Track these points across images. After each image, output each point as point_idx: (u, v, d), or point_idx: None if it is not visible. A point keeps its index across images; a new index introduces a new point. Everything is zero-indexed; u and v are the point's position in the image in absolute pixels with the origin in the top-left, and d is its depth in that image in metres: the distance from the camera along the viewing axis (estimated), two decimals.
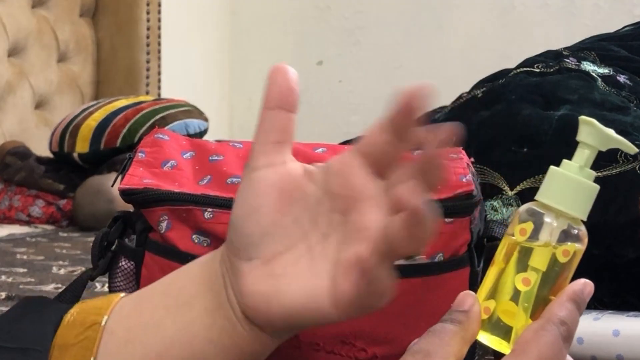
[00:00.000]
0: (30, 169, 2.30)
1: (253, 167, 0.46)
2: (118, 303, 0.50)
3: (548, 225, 0.44)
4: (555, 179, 0.45)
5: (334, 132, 3.33)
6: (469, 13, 3.28)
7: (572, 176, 0.45)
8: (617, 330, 0.69)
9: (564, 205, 0.44)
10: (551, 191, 0.45)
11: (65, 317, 0.49)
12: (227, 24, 3.62)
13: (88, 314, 0.49)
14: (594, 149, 0.45)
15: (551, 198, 0.45)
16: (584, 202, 0.45)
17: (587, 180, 0.45)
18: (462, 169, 0.67)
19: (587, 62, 1.04)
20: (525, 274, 0.44)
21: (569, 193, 0.45)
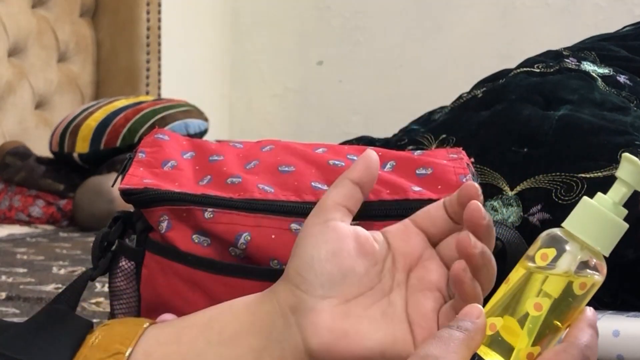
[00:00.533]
0: (30, 169, 2.30)
1: (330, 218, 0.50)
2: (147, 332, 0.50)
3: (570, 254, 0.44)
4: (586, 210, 0.45)
5: (334, 132, 3.33)
6: (469, 13, 3.28)
7: (605, 212, 0.45)
8: (617, 331, 0.69)
9: (591, 239, 0.44)
10: (580, 222, 0.45)
11: (90, 338, 0.49)
12: (227, 24, 3.62)
13: (112, 341, 0.49)
14: (631, 188, 0.45)
15: (579, 228, 0.45)
16: (611, 238, 0.45)
17: (618, 218, 0.45)
18: (462, 169, 0.67)
19: (587, 62, 1.04)
20: (538, 299, 0.44)
21: (598, 227, 0.44)
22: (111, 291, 0.68)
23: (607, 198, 0.45)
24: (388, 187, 0.65)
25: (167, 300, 0.64)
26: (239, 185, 0.66)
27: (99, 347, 0.48)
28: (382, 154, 0.71)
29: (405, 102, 3.26)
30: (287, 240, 0.63)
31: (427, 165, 0.68)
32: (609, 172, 0.82)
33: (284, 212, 0.64)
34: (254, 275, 0.62)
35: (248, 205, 0.64)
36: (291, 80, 3.58)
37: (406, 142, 0.97)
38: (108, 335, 0.49)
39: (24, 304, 1.03)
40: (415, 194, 0.64)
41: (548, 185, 0.84)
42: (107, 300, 0.96)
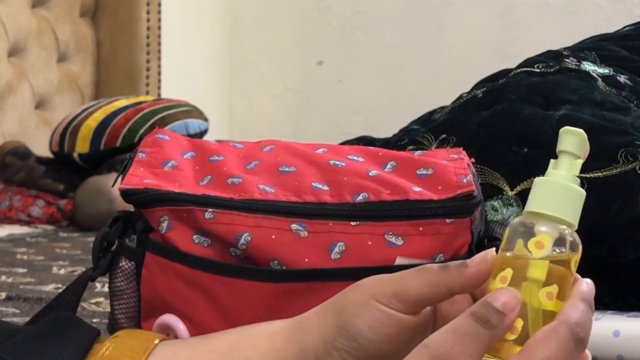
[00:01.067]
0: (30, 169, 2.30)
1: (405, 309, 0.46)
2: (157, 349, 0.49)
3: (564, 236, 0.43)
4: (549, 188, 0.44)
5: (334, 132, 3.33)
6: (469, 13, 3.28)
7: (568, 184, 0.44)
8: (617, 331, 0.69)
9: (565, 214, 0.44)
10: (549, 201, 0.44)
11: (100, 348, 0.49)
12: (227, 24, 3.62)
13: (123, 354, 0.49)
14: (577, 157, 0.45)
15: (551, 208, 0.44)
16: (578, 208, 0.44)
17: (578, 187, 0.44)
18: (462, 169, 0.67)
19: (587, 62, 1.04)
20: (547, 289, 0.43)
21: (567, 200, 0.44)
22: (111, 291, 0.68)
23: (560, 172, 0.44)
24: (388, 188, 0.65)
25: (167, 300, 0.64)
26: (239, 186, 0.66)
27: (109, 359, 0.48)
28: (383, 154, 0.71)
29: (405, 102, 3.26)
30: (288, 240, 0.63)
31: (427, 165, 0.68)
32: (609, 172, 0.82)
33: (284, 213, 0.64)
34: (254, 276, 0.62)
35: (248, 205, 0.64)
36: (291, 80, 3.57)
37: (406, 142, 0.97)
38: (118, 347, 0.49)
39: (23, 304, 1.03)
40: (415, 195, 0.64)
41: None
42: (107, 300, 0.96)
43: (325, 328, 0.47)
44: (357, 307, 0.46)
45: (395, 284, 0.46)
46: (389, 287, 0.46)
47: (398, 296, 0.45)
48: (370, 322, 0.45)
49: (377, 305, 0.45)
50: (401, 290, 0.45)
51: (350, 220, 0.63)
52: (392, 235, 0.63)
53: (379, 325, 0.45)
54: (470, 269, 0.44)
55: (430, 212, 0.63)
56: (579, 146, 0.45)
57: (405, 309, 0.45)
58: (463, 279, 0.44)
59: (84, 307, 1.00)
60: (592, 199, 0.81)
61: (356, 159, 0.70)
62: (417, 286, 0.45)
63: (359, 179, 0.66)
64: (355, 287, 0.47)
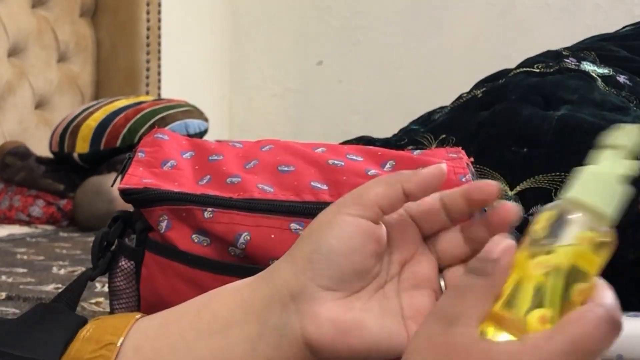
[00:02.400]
0: (30, 169, 2.30)
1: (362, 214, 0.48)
2: (137, 324, 0.49)
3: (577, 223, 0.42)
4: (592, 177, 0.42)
5: (334, 132, 3.33)
6: (469, 13, 3.28)
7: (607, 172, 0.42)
8: None
9: (600, 203, 0.42)
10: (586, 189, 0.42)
11: (81, 331, 0.49)
12: (227, 24, 3.62)
13: (104, 332, 0.49)
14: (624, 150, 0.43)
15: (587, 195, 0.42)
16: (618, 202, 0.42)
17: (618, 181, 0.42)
18: (461, 168, 0.67)
19: (587, 62, 1.04)
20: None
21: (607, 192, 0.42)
22: (111, 291, 0.68)
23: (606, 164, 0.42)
24: None
25: (166, 299, 0.64)
26: (239, 185, 0.66)
27: (91, 339, 0.48)
28: (382, 153, 0.71)
29: (405, 102, 3.27)
30: (287, 239, 0.63)
31: (426, 164, 0.67)
32: None
33: (283, 212, 0.64)
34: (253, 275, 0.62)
35: (248, 205, 0.64)
36: (291, 80, 3.58)
37: (406, 142, 0.97)
38: (99, 327, 0.49)
39: (24, 304, 1.03)
40: None
41: (548, 185, 0.84)
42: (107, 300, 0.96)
43: (296, 262, 0.48)
44: (325, 227, 0.47)
45: (357, 192, 0.48)
46: (349, 196, 0.48)
47: (359, 201, 0.48)
48: (337, 233, 0.47)
49: (341, 216, 0.47)
50: (359, 195, 0.48)
51: None
52: None
53: (346, 234, 0.47)
54: (424, 170, 0.48)
55: None
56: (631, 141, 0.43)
57: (366, 213, 0.47)
58: (417, 178, 0.48)
59: (84, 307, 1.00)
60: None
61: (355, 159, 0.70)
62: (374, 187, 0.48)
63: (358, 178, 0.66)
64: (322, 214, 0.49)
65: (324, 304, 0.47)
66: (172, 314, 0.50)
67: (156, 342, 0.48)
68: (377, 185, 0.48)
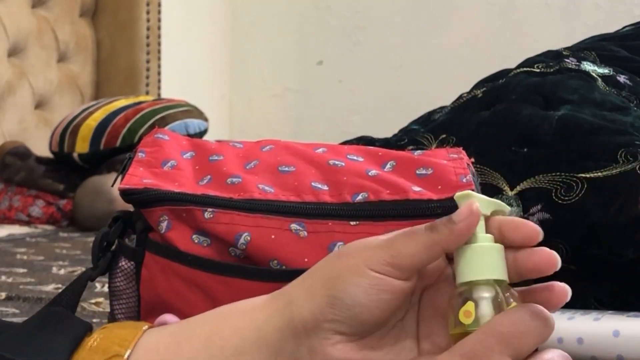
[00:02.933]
0: (30, 169, 2.30)
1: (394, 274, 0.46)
2: (145, 336, 0.49)
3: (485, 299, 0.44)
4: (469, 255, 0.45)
5: (334, 132, 3.33)
6: (469, 13, 3.28)
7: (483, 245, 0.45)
8: (617, 331, 0.69)
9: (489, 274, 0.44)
10: (471, 268, 0.45)
11: (88, 340, 0.49)
12: (227, 23, 3.62)
13: (111, 342, 0.48)
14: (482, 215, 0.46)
15: (475, 273, 0.44)
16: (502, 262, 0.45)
17: (493, 243, 0.45)
18: (462, 169, 0.67)
19: (587, 62, 1.04)
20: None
21: (487, 261, 0.45)
22: (111, 291, 0.68)
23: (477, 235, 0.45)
24: (388, 188, 0.65)
25: (166, 300, 0.64)
26: (239, 186, 0.66)
27: (98, 349, 0.48)
28: (383, 154, 0.71)
29: (405, 102, 3.27)
30: (287, 240, 0.63)
31: (427, 165, 0.68)
32: (609, 172, 0.82)
33: (283, 213, 0.64)
34: (253, 276, 0.62)
35: (248, 205, 0.64)
36: (291, 80, 3.58)
37: (406, 142, 0.97)
38: (106, 337, 0.49)
39: (23, 304, 1.03)
40: (415, 194, 0.64)
41: (548, 185, 0.84)
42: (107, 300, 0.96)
43: (315, 300, 0.46)
44: (351, 276, 0.46)
45: (388, 251, 0.46)
46: (382, 255, 0.46)
47: (393, 264, 0.45)
48: (366, 289, 0.45)
49: (372, 273, 0.45)
50: (395, 257, 0.45)
51: (350, 220, 0.63)
52: None
53: (375, 292, 0.45)
54: (459, 224, 0.45)
55: (430, 211, 0.63)
56: (485, 205, 0.46)
57: (400, 275, 0.46)
58: (454, 236, 0.45)
59: (84, 307, 1.00)
60: (591, 199, 0.82)
61: (356, 159, 0.70)
62: (410, 252, 0.45)
63: (359, 179, 0.66)
64: (344, 256, 0.47)
65: (337, 344, 0.46)
66: (183, 332, 0.50)
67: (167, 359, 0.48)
68: (414, 247, 0.45)
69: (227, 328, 0.48)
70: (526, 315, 0.42)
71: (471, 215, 0.45)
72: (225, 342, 0.48)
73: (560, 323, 0.72)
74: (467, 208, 0.45)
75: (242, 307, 0.50)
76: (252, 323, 0.48)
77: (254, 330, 0.48)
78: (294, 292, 0.48)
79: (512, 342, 0.42)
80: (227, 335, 0.48)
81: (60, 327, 0.50)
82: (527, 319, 0.42)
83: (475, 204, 0.45)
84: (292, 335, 0.47)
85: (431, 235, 0.45)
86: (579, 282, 0.83)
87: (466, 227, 0.45)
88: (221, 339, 0.48)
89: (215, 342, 0.48)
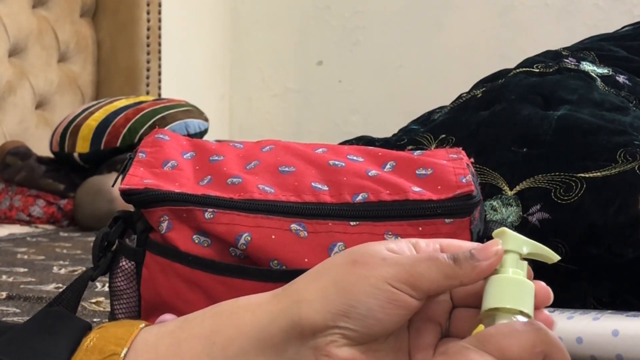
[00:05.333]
0: (30, 169, 2.30)
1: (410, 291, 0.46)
2: (142, 334, 0.49)
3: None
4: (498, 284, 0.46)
5: (334, 132, 3.33)
6: (469, 13, 3.28)
7: (513, 277, 0.46)
8: (616, 330, 0.69)
9: (517, 304, 0.45)
10: (498, 296, 0.46)
11: (85, 340, 0.48)
12: (227, 23, 3.62)
13: (108, 342, 0.48)
14: (516, 253, 0.47)
15: (501, 301, 0.45)
16: (529, 298, 0.46)
17: (524, 279, 0.46)
18: (461, 169, 0.67)
19: (587, 62, 1.04)
20: None
21: (516, 293, 0.45)
22: (111, 291, 0.68)
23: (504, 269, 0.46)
24: (388, 188, 0.65)
25: (167, 300, 0.64)
26: (239, 186, 0.66)
27: (94, 349, 0.48)
28: (383, 154, 0.71)
29: (404, 102, 3.27)
30: (287, 240, 0.63)
31: (427, 165, 0.68)
32: (608, 171, 0.82)
33: (284, 213, 0.64)
34: (254, 276, 0.62)
35: (248, 205, 0.64)
36: (291, 80, 3.58)
37: (406, 142, 0.97)
38: (103, 337, 0.49)
39: (24, 304, 1.03)
40: (415, 195, 0.64)
41: (547, 185, 0.84)
42: (107, 300, 0.96)
43: (329, 306, 0.46)
44: (369, 287, 0.46)
45: (409, 272, 0.46)
46: (404, 275, 0.46)
47: (412, 285, 0.46)
48: (383, 304, 0.46)
49: (391, 289, 0.46)
50: (416, 280, 0.46)
51: (350, 220, 0.64)
52: (391, 235, 0.63)
53: (391, 307, 0.46)
54: (483, 263, 0.46)
55: (430, 212, 0.63)
56: (513, 242, 0.47)
57: (416, 295, 0.46)
58: (475, 273, 0.46)
59: (84, 307, 1.00)
60: (591, 199, 0.82)
61: (356, 159, 0.70)
62: (431, 278, 0.46)
63: (359, 179, 0.66)
64: (362, 266, 0.47)
65: (342, 347, 0.46)
66: (181, 332, 0.49)
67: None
68: (435, 274, 0.46)
69: (230, 327, 0.48)
70: (513, 322, 0.43)
71: (495, 255, 0.46)
72: (227, 341, 0.47)
73: (560, 322, 0.72)
74: (492, 247, 0.46)
75: (243, 305, 0.49)
76: (256, 322, 0.48)
77: (258, 330, 0.47)
78: (302, 292, 0.48)
79: (490, 340, 0.42)
80: (230, 335, 0.48)
81: (59, 329, 0.49)
82: (514, 324, 0.43)
83: (499, 245, 0.47)
84: (298, 336, 0.46)
85: (453, 268, 0.46)
86: (579, 281, 0.83)
87: (488, 266, 0.46)
88: (223, 338, 0.48)
89: (216, 342, 0.48)
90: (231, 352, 0.47)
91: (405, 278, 0.46)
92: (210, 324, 0.49)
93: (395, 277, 0.46)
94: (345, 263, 0.47)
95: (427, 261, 0.46)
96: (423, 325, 0.49)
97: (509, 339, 0.42)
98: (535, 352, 0.42)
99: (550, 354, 0.43)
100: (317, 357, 0.46)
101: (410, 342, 0.49)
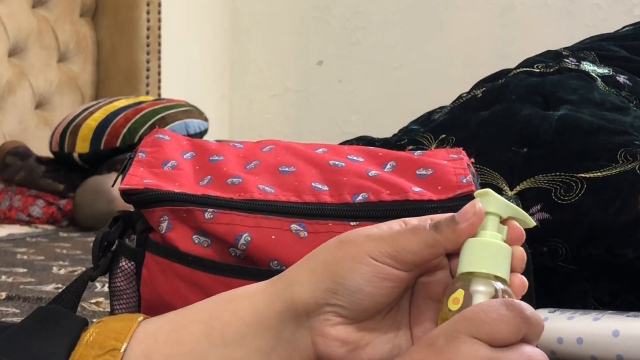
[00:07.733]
0: (30, 169, 2.30)
1: (397, 265, 0.47)
2: (142, 327, 0.49)
3: (481, 292, 0.45)
4: (474, 247, 0.46)
5: (334, 132, 3.33)
6: (469, 13, 3.28)
7: (491, 240, 0.46)
8: (616, 331, 0.69)
9: (492, 268, 0.45)
10: (474, 259, 0.45)
11: (84, 335, 0.49)
12: (227, 23, 3.62)
13: (107, 337, 0.48)
14: (497, 216, 0.47)
15: (476, 265, 0.45)
16: (506, 262, 0.46)
17: (501, 242, 0.46)
18: (462, 169, 0.67)
19: (587, 62, 1.04)
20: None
21: (492, 257, 0.45)
22: (111, 291, 0.68)
23: (484, 232, 0.46)
24: (388, 188, 0.65)
25: (167, 300, 0.64)
26: (239, 186, 0.66)
27: (94, 344, 0.48)
28: (383, 154, 0.71)
29: (404, 102, 3.27)
30: (287, 240, 0.63)
31: (427, 165, 0.68)
32: (608, 172, 0.82)
33: (284, 213, 0.64)
34: (254, 276, 0.62)
35: (248, 205, 0.64)
36: (291, 80, 3.58)
37: (406, 142, 0.97)
38: (102, 331, 0.49)
39: (24, 304, 1.03)
40: (415, 195, 0.64)
41: (548, 185, 0.84)
42: (107, 300, 0.96)
43: (317, 284, 0.47)
44: (353, 263, 0.47)
45: (392, 245, 0.47)
46: (385, 247, 0.47)
47: (394, 257, 0.46)
48: (369, 277, 0.46)
49: (373, 261, 0.46)
50: (398, 252, 0.46)
51: (350, 220, 0.63)
52: None
53: (377, 279, 0.46)
54: (462, 224, 0.46)
55: (430, 212, 0.63)
56: (502, 208, 0.47)
57: (401, 267, 0.47)
58: (456, 236, 0.46)
59: (84, 307, 1.00)
60: (591, 199, 0.82)
61: (356, 159, 0.70)
62: (413, 249, 0.46)
63: (359, 179, 0.66)
64: (346, 244, 0.48)
65: (336, 325, 0.47)
66: (181, 319, 0.50)
67: (167, 349, 0.48)
68: (417, 244, 0.46)
69: (228, 313, 0.49)
70: (499, 304, 0.42)
71: (474, 215, 0.46)
72: (225, 326, 0.48)
73: (560, 323, 0.72)
74: (470, 208, 0.46)
75: (241, 293, 0.50)
76: (253, 307, 0.49)
77: (255, 314, 0.48)
78: (294, 275, 0.49)
79: (482, 327, 0.42)
80: (228, 320, 0.48)
81: (57, 326, 0.50)
82: (501, 308, 0.42)
83: (478, 205, 0.46)
84: (293, 317, 0.47)
85: (434, 235, 0.46)
86: (579, 281, 0.83)
87: (468, 227, 0.46)
88: (221, 323, 0.48)
89: (215, 328, 0.48)
90: (229, 337, 0.48)
91: (388, 251, 0.46)
92: (209, 311, 0.50)
93: (377, 250, 0.47)
94: (332, 245, 0.49)
95: (408, 232, 0.47)
96: (424, 304, 0.49)
97: (498, 324, 0.42)
98: (521, 334, 0.42)
99: (532, 333, 0.43)
100: (313, 337, 0.47)
101: (412, 320, 0.49)
